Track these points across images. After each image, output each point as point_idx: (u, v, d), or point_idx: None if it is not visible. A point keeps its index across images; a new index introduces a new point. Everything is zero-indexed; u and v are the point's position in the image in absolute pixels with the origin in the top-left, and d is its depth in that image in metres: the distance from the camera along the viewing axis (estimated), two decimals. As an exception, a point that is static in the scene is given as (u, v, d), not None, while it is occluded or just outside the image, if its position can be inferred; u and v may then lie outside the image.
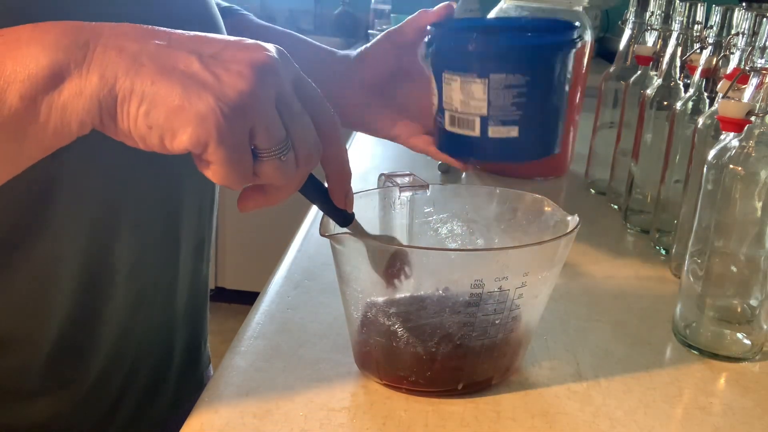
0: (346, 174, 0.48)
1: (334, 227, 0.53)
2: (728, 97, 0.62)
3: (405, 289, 0.53)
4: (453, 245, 0.62)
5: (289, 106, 0.42)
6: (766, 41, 0.59)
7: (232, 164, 0.40)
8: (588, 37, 1.05)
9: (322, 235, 0.50)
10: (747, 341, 0.63)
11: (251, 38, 0.43)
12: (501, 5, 1.07)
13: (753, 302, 0.62)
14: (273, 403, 0.52)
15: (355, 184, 0.51)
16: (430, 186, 0.62)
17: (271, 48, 0.42)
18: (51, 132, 0.40)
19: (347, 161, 0.48)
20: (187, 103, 0.39)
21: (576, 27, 0.69)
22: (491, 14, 1.08)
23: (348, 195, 0.50)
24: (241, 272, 2.52)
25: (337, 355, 0.58)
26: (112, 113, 0.40)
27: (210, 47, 0.41)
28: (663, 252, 0.83)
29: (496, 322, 0.52)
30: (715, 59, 0.76)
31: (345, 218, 0.51)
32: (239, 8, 0.82)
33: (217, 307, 2.54)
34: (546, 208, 0.58)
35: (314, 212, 0.88)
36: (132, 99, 0.39)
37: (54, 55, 0.39)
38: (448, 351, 0.52)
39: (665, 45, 0.88)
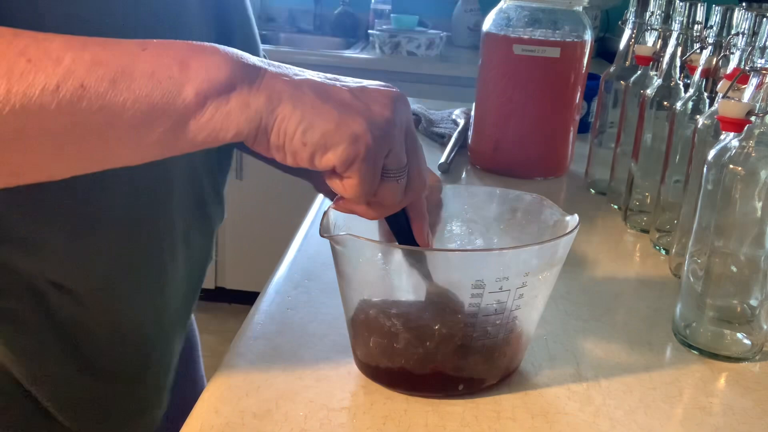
0: (425, 214, 0.55)
1: (334, 228, 0.53)
2: (728, 97, 0.62)
3: (404, 290, 0.53)
4: (452, 246, 0.62)
5: (412, 136, 0.49)
6: (766, 41, 0.59)
7: (367, 181, 0.47)
8: (588, 37, 1.05)
9: (322, 235, 0.50)
10: (747, 341, 0.63)
11: None
12: (501, 5, 1.07)
13: (753, 302, 0.62)
14: (273, 403, 0.52)
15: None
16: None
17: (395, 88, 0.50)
18: (207, 132, 0.44)
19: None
20: (343, 126, 0.45)
21: None
22: (491, 14, 1.08)
23: (429, 234, 0.55)
24: (241, 272, 2.52)
25: (337, 355, 0.58)
26: (268, 129, 0.45)
27: (353, 84, 0.48)
28: (663, 252, 0.83)
29: (497, 322, 0.52)
30: (715, 59, 0.76)
31: (418, 259, 0.52)
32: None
33: (217, 307, 2.54)
34: (545, 208, 0.58)
35: (314, 212, 0.88)
36: (291, 119, 0.45)
37: (234, 68, 0.45)
38: (448, 352, 0.52)
39: (665, 45, 0.88)
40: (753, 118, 0.60)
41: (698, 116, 0.75)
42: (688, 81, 0.82)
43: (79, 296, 0.59)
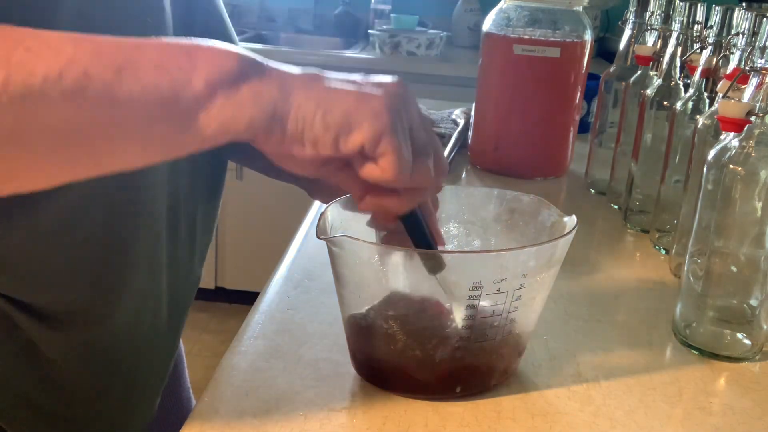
0: (432, 209, 0.54)
1: (331, 230, 0.52)
2: (728, 97, 0.62)
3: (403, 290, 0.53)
4: (450, 247, 0.62)
5: (426, 117, 0.48)
6: (766, 41, 0.59)
7: (402, 154, 0.45)
8: (588, 37, 1.05)
9: (318, 237, 0.50)
10: (747, 341, 0.63)
11: None
12: (501, 5, 1.07)
13: (753, 302, 0.62)
14: (273, 403, 0.52)
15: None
16: None
17: None
18: (218, 124, 0.42)
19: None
20: (362, 103, 0.44)
21: None
22: (491, 14, 1.08)
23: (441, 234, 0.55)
24: (241, 272, 2.52)
25: (337, 355, 0.58)
26: (284, 119, 0.43)
27: (357, 77, 0.47)
28: (663, 252, 0.83)
29: (495, 324, 0.52)
30: (715, 59, 0.76)
31: (438, 264, 0.51)
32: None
33: (217, 307, 2.54)
34: (543, 209, 0.58)
35: (314, 213, 0.88)
36: (308, 105, 0.43)
37: (241, 59, 0.43)
38: (446, 354, 0.52)
39: (665, 45, 0.88)
40: (753, 118, 0.60)
41: (698, 116, 0.75)
42: (688, 81, 0.82)
43: (47, 316, 0.56)
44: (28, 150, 0.40)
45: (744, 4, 1.18)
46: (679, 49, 0.84)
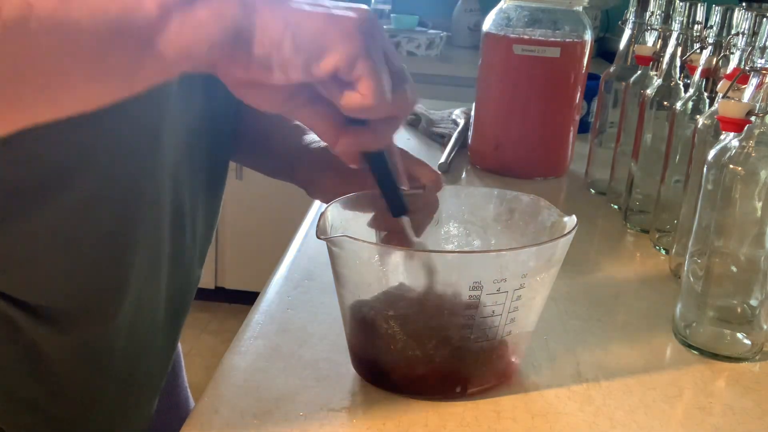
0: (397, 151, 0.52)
1: (331, 230, 0.52)
2: (728, 97, 0.62)
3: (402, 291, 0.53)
4: (450, 247, 0.62)
5: (391, 46, 0.45)
6: (766, 41, 0.59)
7: (380, 76, 0.42)
8: (588, 37, 1.05)
9: (318, 237, 0.50)
10: (747, 341, 0.63)
11: None
12: (501, 5, 1.07)
13: (753, 302, 0.62)
14: (273, 403, 0.52)
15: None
16: (426, 187, 0.61)
17: None
18: (177, 48, 0.39)
19: None
20: (334, 24, 0.41)
21: None
22: (491, 14, 1.08)
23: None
24: (241, 272, 2.52)
25: (337, 355, 0.58)
26: (249, 41, 0.40)
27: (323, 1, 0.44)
28: (663, 252, 0.83)
29: (495, 324, 0.52)
30: (715, 59, 0.76)
31: (403, 206, 0.51)
32: None
33: (217, 307, 2.54)
34: (543, 209, 0.58)
35: (314, 213, 0.88)
36: (275, 26, 0.40)
37: None
38: (446, 354, 0.52)
39: (665, 45, 0.88)
40: (753, 118, 0.60)
41: (698, 116, 0.75)
42: (688, 81, 0.82)
43: (49, 317, 0.56)
44: None
45: (744, 4, 1.18)
46: (679, 49, 0.84)
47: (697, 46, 0.82)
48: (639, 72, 0.94)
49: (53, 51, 0.38)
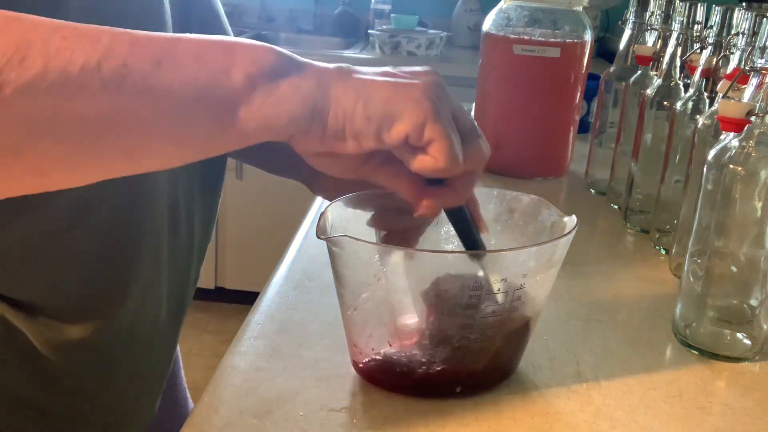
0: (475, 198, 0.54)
1: (331, 230, 0.52)
2: (728, 97, 0.62)
3: (401, 292, 0.53)
4: (450, 247, 0.62)
5: (459, 105, 0.47)
6: (766, 41, 0.59)
7: (451, 138, 0.44)
8: (588, 37, 1.05)
9: (318, 237, 0.50)
10: (747, 341, 0.63)
11: None
12: (501, 5, 1.07)
13: (753, 302, 0.62)
14: (273, 403, 0.52)
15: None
16: None
17: None
18: (259, 120, 0.41)
19: None
20: (401, 92, 0.43)
21: None
22: (491, 14, 1.08)
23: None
24: (241, 272, 2.52)
25: (337, 355, 0.58)
26: (324, 113, 0.43)
27: (389, 69, 0.46)
28: (663, 252, 0.83)
29: (495, 324, 0.52)
30: (715, 59, 0.76)
31: (478, 246, 0.51)
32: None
33: (217, 307, 2.54)
34: (543, 209, 0.58)
35: (314, 213, 0.88)
36: (348, 97, 0.43)
37: (279, 54, 0.43)
38: (446, 353, 0.52)
39: (665, 45, 0.88)
40: (753, 118, 0.60)
41: (698, 116, 0.75)
42: (688, 81, 0.82)
43: (49, 317, 0.56)
44: (62, 142, 0.39)
45: (744, 4, 1.18)
46: (679, 49, 0.84)
47: (697, 46, 0.82)
48: (639, 72, 0.94)
49: (140, 112, 0.39)
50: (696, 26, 0.84)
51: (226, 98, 0.41)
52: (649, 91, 0.87)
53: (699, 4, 0.83)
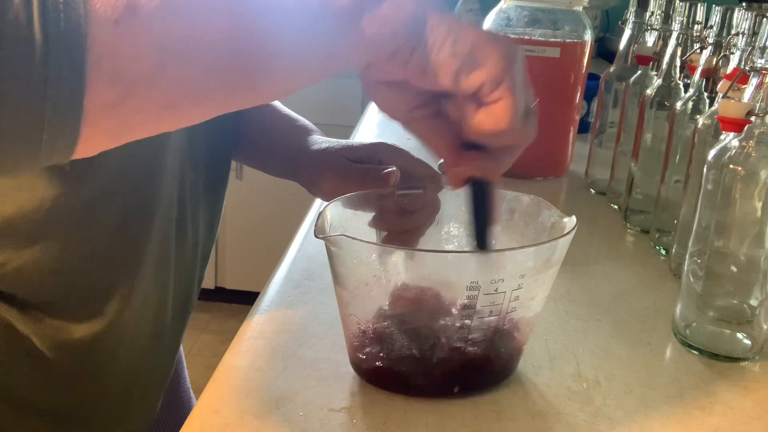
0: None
1: (330, 229, 0.52)
2: (728, 97, 0.62)
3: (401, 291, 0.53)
4: (450, 247, 0.62)
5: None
6: (766, 41, 0.59)
7: (518, 102, 0.43)
8: (588, 37, 1.05)
9: (317, 236, 0.50)
10: (747, 341, 0.63)
11: None
12: (501, 5, 1.07)
13: (753, 302, 0.62)
14: (273, 403, 0.52)
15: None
16: (426, 187, 0.61)
17: None
18: (369, 41, 0.41)
19: None
20: (490, 43, 0.43)
21: None
22: (491, 14, 1.08)
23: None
24: (241, 272, 2.52)
25: (337, 355, 0.58)
26: (415, 39, 0.42)
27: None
28: (663, 252, 0.83)
29: (492, 324, 0.52)
30: (715, 59, 0.76)
31: (485, 243, 0.49)
32: None
33: (217, 307, 2.54)
34: (543, 210, 0.58)
35: (314, 213, 0.88)
36: (440, 29, 0.42)
37: None
38: (444, 354, 0.52)
39: (665, 45, 0.88)
40: (753, 118, 0.60)
41: (698, 116, 0.75)
42: (688, 81, 0.82)
43: (54, 317, 0.56)
44: (192, 70, 0.38)
45: (744, 4, 1.18)
46: (679, 49, 0.84)
47: (697, 46, 0.82)
48: (639, 72, 0.94)
49: (260, 31, 0.39)
50: (696, 26, 0.84)
51: (342, 11, 0.40)
52: (649, 91, 0.87)
53: (699, 4, 0.83)
